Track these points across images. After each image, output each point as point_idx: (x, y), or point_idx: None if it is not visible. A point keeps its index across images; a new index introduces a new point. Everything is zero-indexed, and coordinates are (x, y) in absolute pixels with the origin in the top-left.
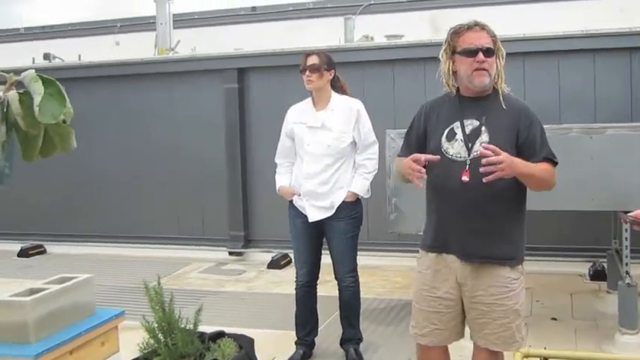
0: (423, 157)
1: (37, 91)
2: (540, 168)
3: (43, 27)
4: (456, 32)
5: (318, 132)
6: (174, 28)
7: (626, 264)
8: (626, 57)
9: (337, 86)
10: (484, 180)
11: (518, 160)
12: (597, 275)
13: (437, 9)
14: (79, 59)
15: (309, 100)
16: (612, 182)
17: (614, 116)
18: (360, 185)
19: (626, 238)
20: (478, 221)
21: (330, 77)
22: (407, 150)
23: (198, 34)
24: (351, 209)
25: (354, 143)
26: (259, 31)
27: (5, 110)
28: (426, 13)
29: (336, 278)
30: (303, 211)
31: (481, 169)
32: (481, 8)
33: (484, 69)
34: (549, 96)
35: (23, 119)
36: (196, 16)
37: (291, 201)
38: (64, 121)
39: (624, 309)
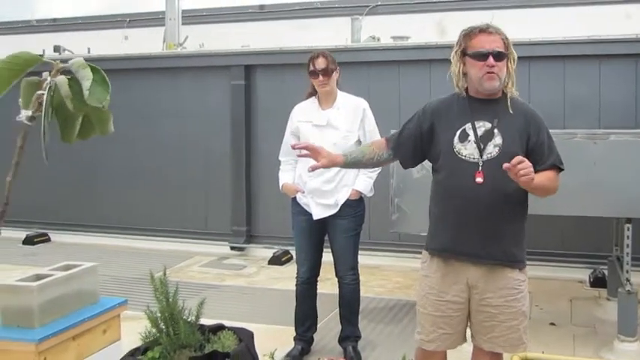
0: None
1: (87, 76)
2: (546, 177)
3: (54, 19)
4: (468, 34)
5: (324, 130)
6: (182, 23)
7: (627, 271)
8: (632, 63)
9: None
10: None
11: None
12: (597, 282)
13: (443, 12)
14: (89, 52)
15: (314, 98)
16: (615, 188)
17: (619, 122)
18: (364, 184)
19: (627, 245)
20: (491, 222)
21: (337, 76)
22: (396, 140)
23: (206, 31)
24: (354, 207)
25: (359, 142)
26: (267, 29)
27: (52, 94)
28: (433, 15)
29: (336, 276)
30: (307, 208)
31: (521, 172)
32: (487, 12)
33: (494, 73)
34: (554, 101)
35: (72, 102)
36: (205, 13)
37: (294, 198)
38: (103, 106)
39: (624, 316)
